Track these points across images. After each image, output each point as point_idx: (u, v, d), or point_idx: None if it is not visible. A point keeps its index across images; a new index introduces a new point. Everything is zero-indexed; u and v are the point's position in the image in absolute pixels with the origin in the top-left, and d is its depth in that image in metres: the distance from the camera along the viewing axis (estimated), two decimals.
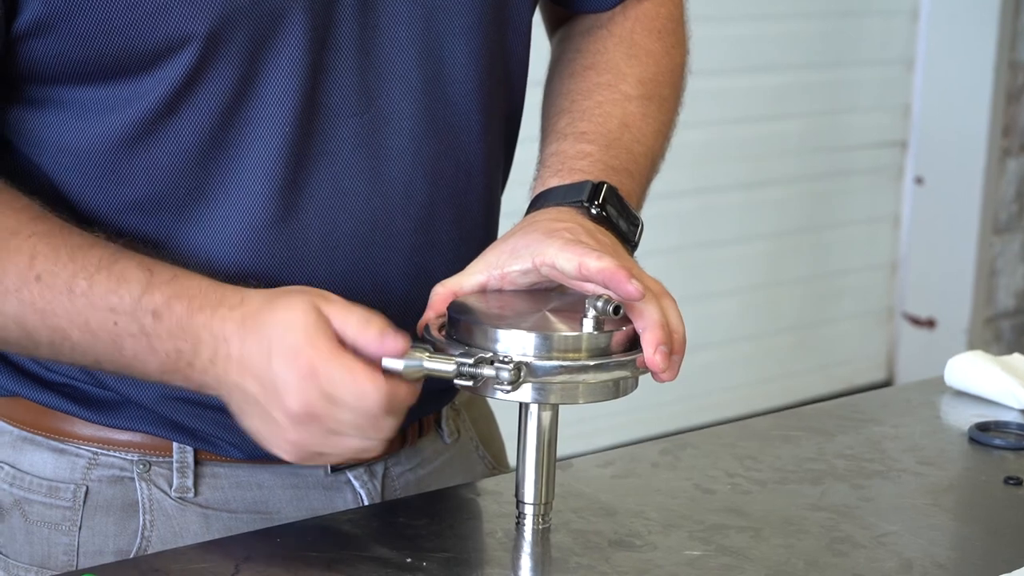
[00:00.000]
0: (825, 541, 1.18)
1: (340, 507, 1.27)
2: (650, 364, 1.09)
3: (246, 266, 1.19)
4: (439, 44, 1.22)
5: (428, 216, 1.24)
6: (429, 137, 1.23)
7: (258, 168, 1.17)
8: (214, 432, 1.23)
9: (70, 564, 1.24)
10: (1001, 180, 4.14)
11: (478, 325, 1.09)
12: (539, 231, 1.16)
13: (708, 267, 3.83)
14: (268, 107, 1.16)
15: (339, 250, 1.21)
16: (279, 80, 1.16)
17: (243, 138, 1.17)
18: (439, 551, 1.13)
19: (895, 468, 1.34)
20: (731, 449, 1.36)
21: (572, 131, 1.29)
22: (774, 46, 3.85)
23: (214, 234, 1.18)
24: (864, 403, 1.56)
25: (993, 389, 1.49)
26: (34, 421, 1.25)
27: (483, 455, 1.40)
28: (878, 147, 4.18)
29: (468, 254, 1.21)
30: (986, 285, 4.18)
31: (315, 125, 1.18)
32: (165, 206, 1.18)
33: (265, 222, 1.18)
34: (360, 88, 1.19)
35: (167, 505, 1.24)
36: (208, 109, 1.15)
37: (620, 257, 1.14)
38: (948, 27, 4.08)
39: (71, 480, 1.24)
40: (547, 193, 1.24)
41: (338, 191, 1.20)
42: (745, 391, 3.94)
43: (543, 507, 1.14)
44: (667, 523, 1.20)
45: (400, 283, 1.23)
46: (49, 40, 1.12)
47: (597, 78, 1.33)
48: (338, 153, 1.19)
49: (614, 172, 1.25)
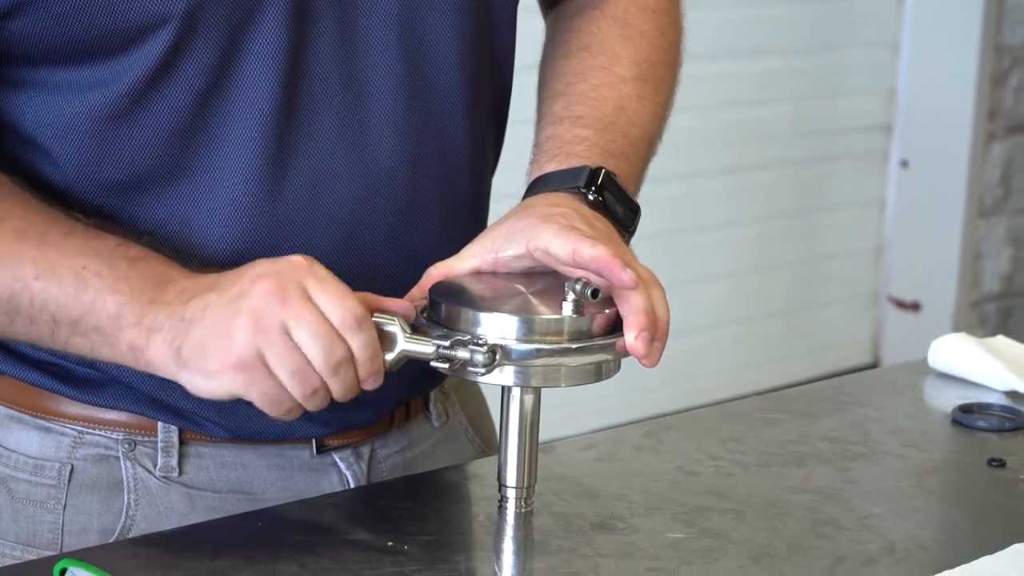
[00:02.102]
0: (808, 524, 1.18)
1: (325, 489, 1.27)
2: (631, 349, 1.09)
3: (228, 245, 1.18)
4: (421, 22, 1.22)
5: (411, 197, 1.24)
6: (412, 117, 1.23)
7: (240, 147, 1.17)
8: (198, 411, 1.23)
9: (55, 542, 1.24)
10: (986, 163, 4.14)
11: (457, 307, 1.09)
12: (534, 216, 1.15)
13: (695, 252, 3.83)
14: (248, 86, 1.16)
15: (322, 230, 1.20)
16: (259, 59, 1.15)
17: (224, 117, 1.16)
18: (421, 534, 1.13)
19: (879, 450, 1.34)
20: (714, 432, 1.36)
21: (568, 115, 1.28)
22: (760, 30, 3.85)
23: (196, 213, 1.18)
24: (848, 385, 1.56)
25: (977, 371, 1.49)
26: (20, 400, 1.25)
27: (472, 438, 1.40)
28: (864, 131, 4.17)
29: (454, 236, 1.21)
30: (971, 269, 4.18)
31: (296, 104, 1.18)
32: (147, 186, 1.18)
33: (247, 202, 1.18)
34: (341, 67, 1.19)
35: (151, 484, 1.24)
36: (187, 89, 1.15)
37: (615, 245, 1.14)
38: (933, 11, 4.08)
39: (56, 459, 1.24)
40: (544, 178, 1.23)
41: (320, 171, 1.19)
42: (732, 375, 3.94)
43: (525, 491, 1.14)
44: (650, 506, 1.20)
45: (384, 264, 1.23)
46: (26, 21, 1.11)
47: (592, 60, 1.33)
48: (320, 133, 1.19)
49: (611, 156, 1.25)
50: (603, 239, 1.13)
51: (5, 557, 1.26)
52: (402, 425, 1.32)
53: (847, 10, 4.06)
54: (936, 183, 4.13)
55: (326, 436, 1.27)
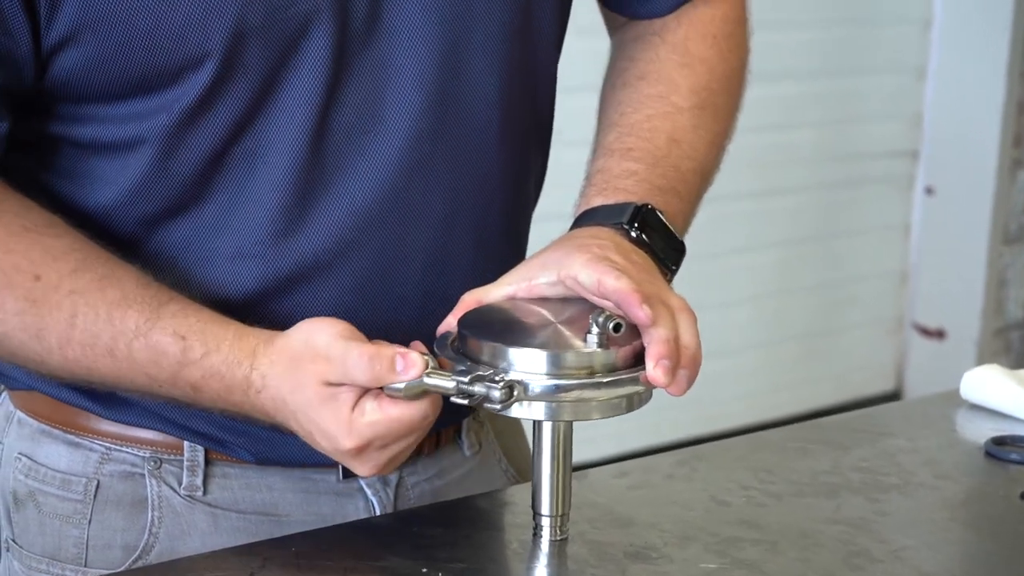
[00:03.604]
0: (841, 555, 1.17)
1: (351, 514, 1.27)
2: (651, 379, 1.08)
3: (258, 276, 1.19)
4: (458, 56, 1.21)
5: (445, 232, 1.24)
6: (445, 152, 1.22)
7: (272, 181, 1.17)
8: (224, 436, 1.23)
9: (79, 557, 1.25)
10: (1012, 190, 4.13)
11: (482, 341, 1.09)
12: (571, 245, 1.15)
13: (719, 276, 3.82)
14: (283, 123, 1.16)
15: (352, 265, 1.20)
16: (295, 97, 1.16)
17: (256, 153, 1.17)
18: (454, 561, 1.12)
19: (911, 482, 1.33)
20: (746, 461, 1.35)
21: (619, 147, 1.28)
22: (785, 54, 3.85)
23: (226, 244, 1.18)
24: (879, 416, 1.55)
25: (1009, 403, 1.48)
26: (51, 414, 1.26)
27: (506, 468, 1.40)
28: (889, 156, 4.17)
29: (488, 270, 1.21)
30: (996, 296, 4.17)
31: (329, 140, 1.18)
32: (176, 219, 1.19)
33: (278, 235, 1.18)
34: (375, 104, 1.19)
35: (175, 502, 1.24)
36: (223, 126, 1.15)
37: (647, 278, 1.14)
38: (960, 36, 4.08)
39: (83, 474, 1.25)
40: (591, 212, 1.23)
41: (351, 206, 1.19)
42: (755, 400, 3.93)
43: (559, 519, 1.14)
44: (683, 535, 1.19)
45: (414, 299, 1.23)
46: (69, 58, 1.12)
47: (648, 89, 1.32)
48: (352, 168, 1.19)
49: (660, 192, 1.24)
50: (635, 271, 1.13)
51: (31, 571, 1.26)
52: (432, 453, 1.32)
53: (873, 35, 4.06)
54: (961, 210, 4.12)
55: None
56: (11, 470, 1.28)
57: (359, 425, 1.09)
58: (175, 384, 1.14)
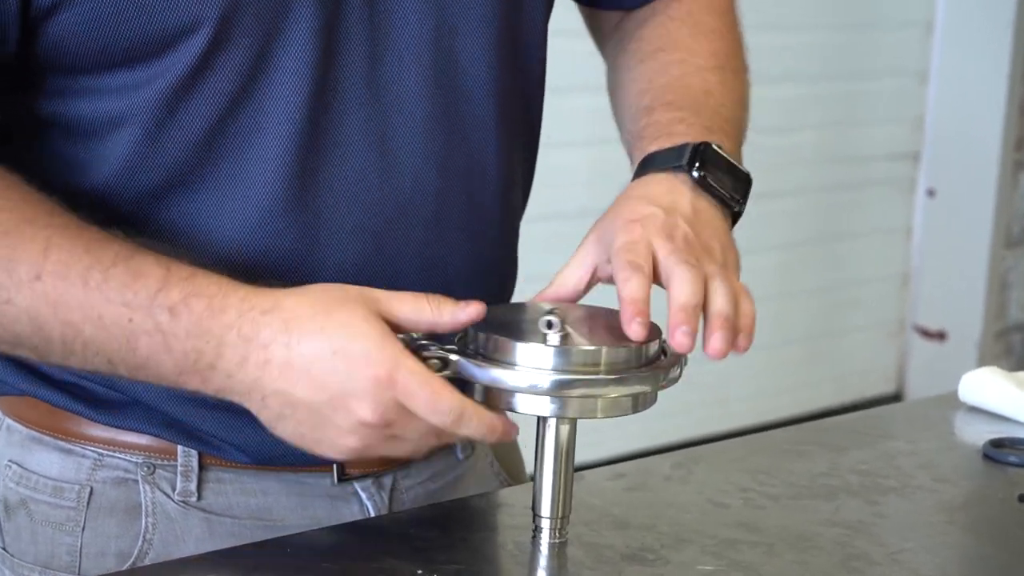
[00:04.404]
0: (839, 558, 1.17)
1: (345, 517, 1.26)
2: (675, 346, 1.08)
3: (259, 252, 1.18)
4: (451, 34, 1.22)
5: (439, 209, 1.23)
6: (440, 128, 1.23)
7: (270, 154, 1.16)
8: (220, 434, 1.22)
9: (73, 564, 1.24)
10: (1014, 193, 4.13)
11: (489, 335, 1.09)
12: (622, 218, 1.15)
13: None
14: (279, 95, 1.15)
15: (350, 239, 1.20)
16: (289, 66, 1.15)
17: (254, 125, 1.16)
18: (451, 563, 1.12)
19: (909, 484, 1.33)
20: (744, 463, 1.35)
21: (660, 102, 1.29)
22: (787, 57, 3.85)
23: (226, 220, 1.17)
24: (878, 418, 1.55)
25: (1008, 406, 1.48)
26: (42, 421, 1.25)
27: (498, 471, 1.39)
28: (891, 159, 4.17)
29: (480, 250, 1.22)
30: (997, 298, 4.17)
31: (326, 112, 1.18)
32: (176, 191, 1.17)
33: (277, 208, 1.17)
34: (370, 75, 1.19)
35: (170, 508, 1.24)
36: (219, 96, 1.14)
37: (681, 246, 1.14)
38: (962, 39, 4.08)
39: (76, 480, 1.24)
40: (650, 158, 1.23)
41: (349, 179, 1.19)
42: (756, 402, 3.93)
43: (560, 521, 1.13)
44: (680, 538, 1.19)
45: (413, 274, 1.22)
46: (60, 24, 1.11)
47: (668, 57, 1.34)
48: (349, 141, 1.19)
49: (711, 132, 1.25)
50: (671, 244, 1.13)
51: None
52: (426, 457, 1.31)
53: (875, 38, 4.06)
54: (963, 212, 4.12)
55: (349, 463, 1.26)
56: (1, 478, 1.26)
57: (403, 370, 1.03)
58: (149, 312, 1.06)
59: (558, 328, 1.07)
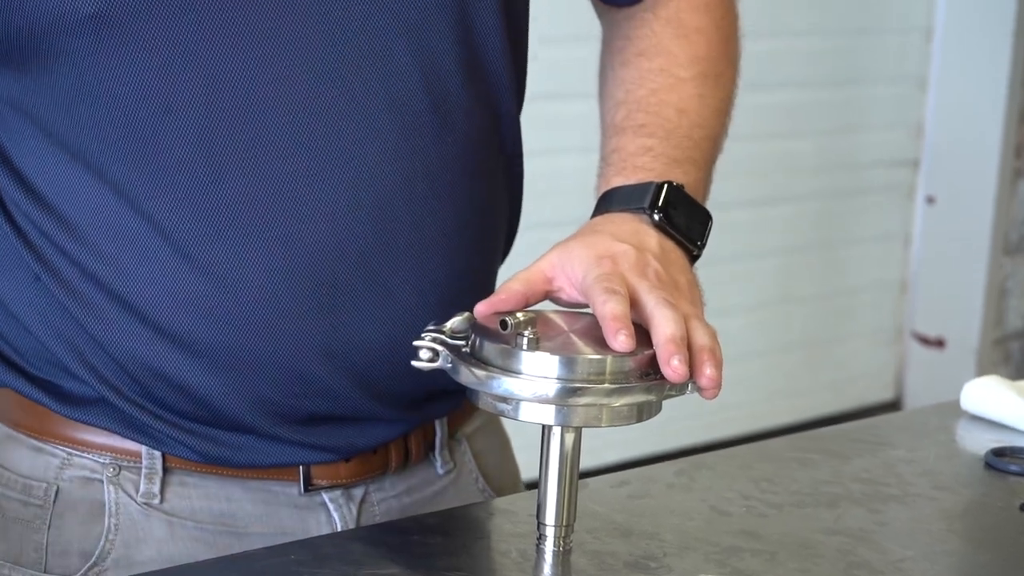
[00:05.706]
0: (842, 566, 1.17)
1: (312, 528, 1.26)
2: (670, 376, 1.08)
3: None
4: (380, 43, 1.18)
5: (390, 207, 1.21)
6: (384, 133, 1.19)
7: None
8: (174, 435, 1.22)
9: (39, 562, 1.24)
10: (1013, 200, 4.13)
11: (495, 344, 1.09)
12: (593, 252, 1.15)
13: (718, 283, 3.82)
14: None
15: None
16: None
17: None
18: (453, 570, 1.12)
19: (911, 492, 1.33)
20: (747, 471, 1.35)
21: (630, 124, 1.29)
22: (786, 63, 3.85)
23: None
24: (880, 426, 1.55)
25: (1010, 414, 1.48)
26: (17, 418, 1.26)
27: (483, 488, 1.37)
28: (890, 166, 4.17)
29: (428, 259, 1.21)
30: (996, 306, 4.17)
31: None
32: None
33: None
34: (308, 88, 1.16)
35: (132, 510, 1.24)
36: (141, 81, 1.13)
37: (654, 283, 1.14)
38: (962, 46, 4.08)
39: (44, 479, 1.25)
40: (611, 194, 1.23)
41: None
42: (754, 408, 3.93)
43: (564, 529, 1.13)
44: (683, 545, 1.19)
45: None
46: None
47: (648, 64, 1.33)
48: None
49: (677, 164, 1.25)
50: (641, 279, 1.13)
51: None
52: (400, 470, 1.30)
53: (874, 45, 4.07)
54: (962, 219, 4.13)
55: (315, 464, 1.25)
56: None
57: None
58: None
59: (513, 330, 1.07)
